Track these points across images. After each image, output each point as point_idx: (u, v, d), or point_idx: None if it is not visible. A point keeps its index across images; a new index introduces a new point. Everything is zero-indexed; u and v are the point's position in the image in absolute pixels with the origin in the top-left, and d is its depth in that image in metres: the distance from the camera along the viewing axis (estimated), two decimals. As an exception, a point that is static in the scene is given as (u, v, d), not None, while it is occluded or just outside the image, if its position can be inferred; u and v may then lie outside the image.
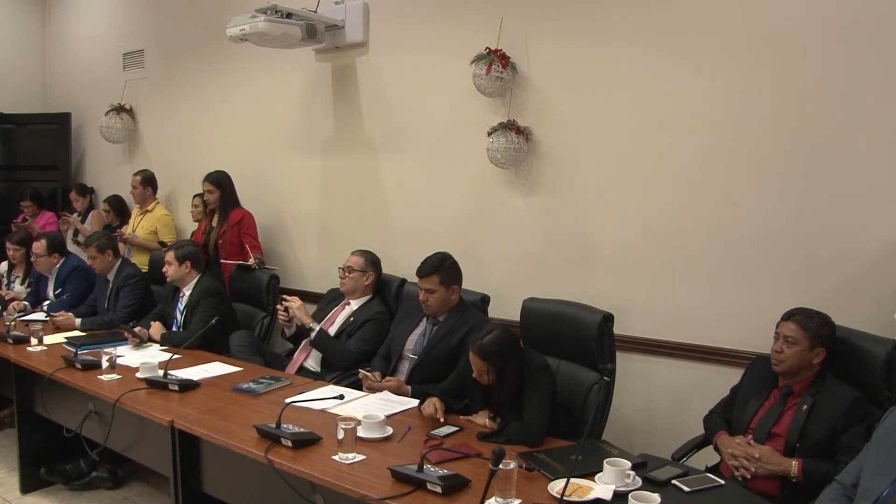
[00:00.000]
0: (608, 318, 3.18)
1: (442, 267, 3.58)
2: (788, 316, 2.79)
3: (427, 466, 2.39)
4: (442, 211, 4.49)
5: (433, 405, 3.00)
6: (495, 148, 3.99)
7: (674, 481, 2.39)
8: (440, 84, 4.46)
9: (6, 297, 5.48)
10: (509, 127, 3.99)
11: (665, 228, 3.65)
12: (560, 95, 3.97)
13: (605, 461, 2.38)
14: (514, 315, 3.56)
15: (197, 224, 5.67)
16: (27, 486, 4.28)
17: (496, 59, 3.98)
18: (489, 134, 4.02)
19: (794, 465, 2.58)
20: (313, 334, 4.00)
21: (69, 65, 7.81)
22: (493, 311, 3.89)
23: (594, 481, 2.35)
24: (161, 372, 3.56)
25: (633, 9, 3.69)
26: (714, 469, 2.79)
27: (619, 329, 3.28)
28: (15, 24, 7.90)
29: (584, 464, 2.39)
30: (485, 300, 3.86)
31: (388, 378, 3.53)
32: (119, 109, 6.76)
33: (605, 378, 3.02)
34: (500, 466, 2.12)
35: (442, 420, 2.93)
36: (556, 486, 2.30)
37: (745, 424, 2.82)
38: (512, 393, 2.87)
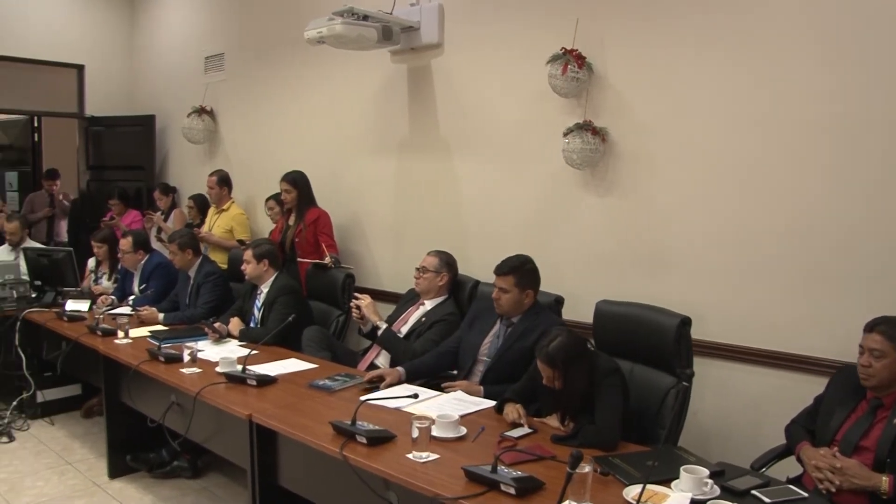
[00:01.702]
0: (686, 322, 3.12)
1: (520, 269, 3.55)
2: (871, 327, 2.65)
3: (501, 467, 2.38)
4: (516, 212, 4.48)
5: (517, 411, 2.98)
6: (571, 149, 3.97)
7: (754, 492, 2.31)
8: (515, 85, 4.45)
9: (95, 292, 5.70)
10: (585, 128, 3.96)
11: (742, 230, 3.57)
12: (636, 96, 3.92)
13: (682, 468, 2.33)
14: (588, 317, 3.53)
15: (272, 223, 5.78)
16: (114, 472, 4.45)
17: (572, 60, 3.95)
18: (565, 135, 4.00)
19: (884, 481, 2.44)
20: (380, 332, 4.05)
21: (154, 69, 8.07)
22: (567, 314, 3.87)
23: (670, 488, 2.31)
24: (240, 367, 3.64)
25: (710, 8, 3.62)
26: (796, 481, 2.69)
27: (695, 333, 3.22)
28: (104, 33, 8.21)
29: (661, 470, 2.36)
30: (559, 302, 3.83)
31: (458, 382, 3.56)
32: (200, 111, 6.96)
33: (684, 383, 2.96)
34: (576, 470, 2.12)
35: (525, 425, 2.91)
36: (631, 492, 2.27)
37: (830, 436, 2.70)
38: (581, 396, 2.85)
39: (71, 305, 5.33)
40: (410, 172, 5.17)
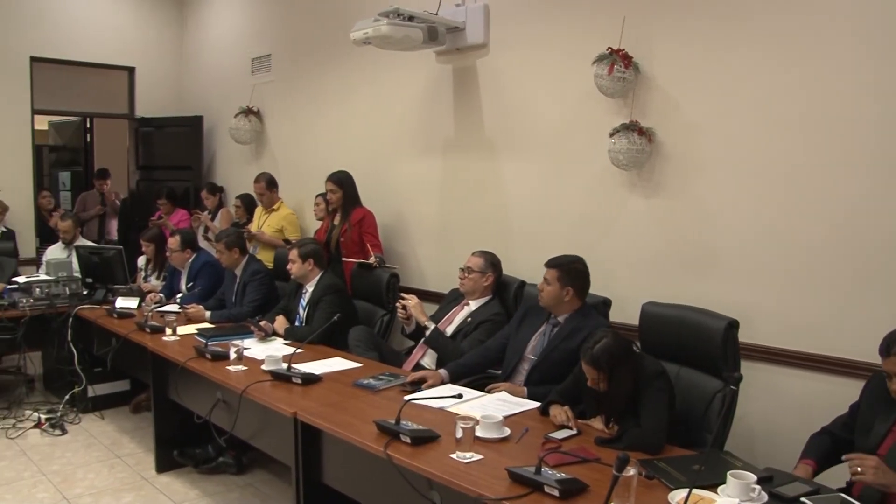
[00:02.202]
0: (733, 325, 3.07)
1: (566, 265, 3.55)
2: (888, 350, 2.51)
3: (545, 469, 2.37)
4: (562, 212, 4.46)
5: (565, 413, 2.96)
6: (617, 149, 3.93)
7: (803, 499, 2.25)
8: (560, 85, 4.43)
9: (144, 290, 5.80)
10: (631, 128, 3.92)
11: (792, 232, 3.50)
12: (684, 96, 3.87)
13: (728, 473, 2.29)
14: (635, 319, 3.50)
15: (320, 222, 5.83)
16: (161, 466, 4.52)
17: (618, 59, 3.91)
18: (611, 135, 3.97)
19: None
20: (427, 333, 4.05)
21: (202, 70, 8.20)
22: (614, 315, 3.84)
23: (717, 494, 2.27)
24: (285, 365, 3.67)
25: (759, 7, 3.56)
26: (847, 489, 2.59)
27: (742, 336, 3.16)
28: (155, 36, 8.37)
29: (707, 475, 2.32)
30: (606, 304, 3.81)
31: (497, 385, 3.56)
32: (247, 112, 7.04)
33: (732, 387, 2.91)
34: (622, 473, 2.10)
35: (573, 428, 2.90)
36: (676, 497, 2.24)
37: (872, 449, 2.56)
38: (626, 399, 2.82)
39: (121, 303, 5.43)
40: (455, 173, 5.17)
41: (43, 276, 5.88)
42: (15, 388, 5.81)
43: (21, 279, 5.79)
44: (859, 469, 2.34)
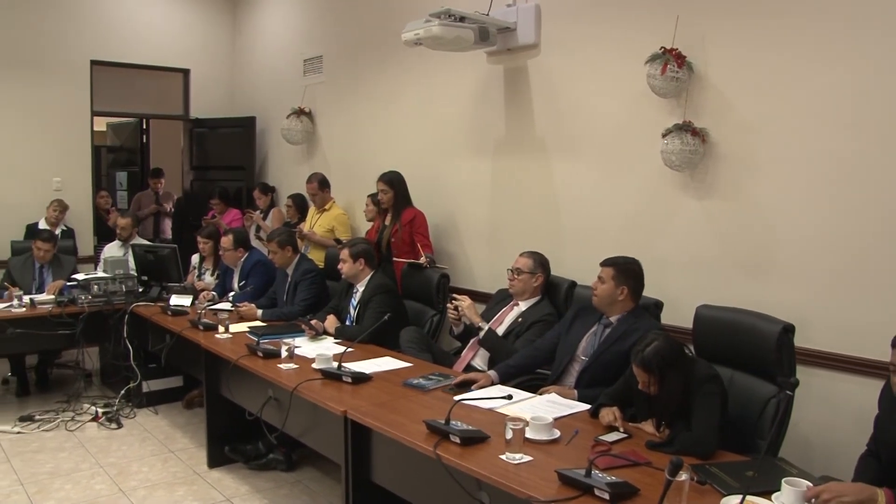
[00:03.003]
0: (789, 329, 3.01)
1: (622, 264, 3.54)
2: None
3: (595, 472, 2.35)
4: (612, 213, 4.42)
5: (613, 414, 2.94)
6: (670, 150, 3.88)
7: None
8: (612, 85, 4.39)
9: (198, 288, 5.90)
10: (685, 128, 3.86)
11: (849, 234, 3.41)
12: (739, 95, 3.80)
13: (783, 480, 2.23)
14: (687, 322, 3.45)
15: (370, 223, 5.86)
16: (213, 462, 4.59)
17: (671, 59, 3.86)
18: (663, 136, 3.91)
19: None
20: (482, 333, 4.04)
21: (254, 72, 8.31)
22: (666, 318, 3.79)
23: (771, 501, 2.23)
24: (335, 364, 3.70)
25: (814, 4, 3.48)
26: None
27: (797, 340, 3.10)
28: (209, 38, 8.51)
29: (761, 481, 2.27)
30: (658, 306, 3.77)
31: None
32: (299, 113, 7.11)
33: (788, 392, 2.84)
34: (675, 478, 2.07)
35: (622, 430, 2.87)
36: (729, 503, 2.21)
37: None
38: (677, 403, 2.79)
39: (175, 300, 5.53)
40: (506, 173, 5.15)
41: (101, 274, 6.01)
42: (74, 383, 5.96)
43: (80, 276, 5.92)
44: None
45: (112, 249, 6.75)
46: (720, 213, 3.91)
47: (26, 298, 5.56)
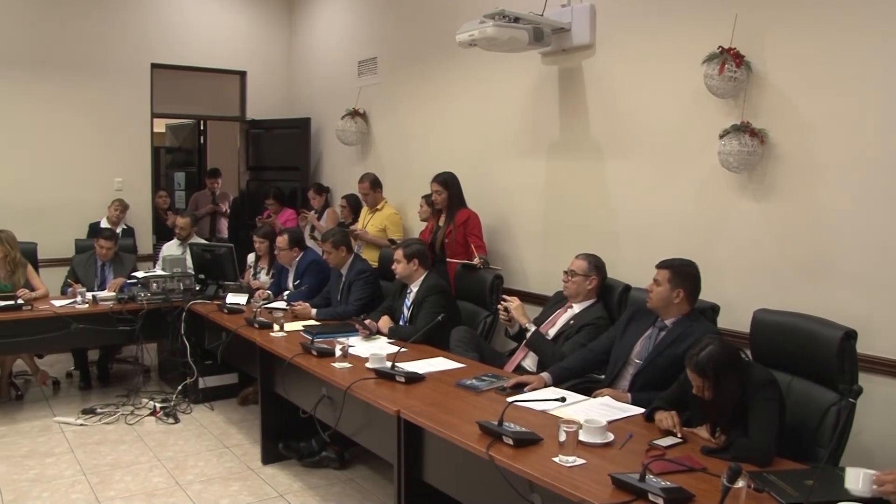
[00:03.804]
0: (850, 335, 2.93)
1: (679, 266, 3.50)
2: None
3: (649, 476, 2.33)
4: (668, 216, 4.37)
5: (671, 419, 2.90)
6: (727, 151, 3.82)
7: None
8: (668, 85, 4.34)
9: (253, 287, 5.99)
10: (743, 129, 3.80)
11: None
12: (800, 95, 3.72)
13: (847, 468, 2.20)
14: (744, 326, 3.39)
15: (423, 223, 5.89)
16: (267, 458, 4.65)
17: (729, 58, 3.80)
18: (721, 137, 3.85)
19: None
20: (529, 334, 4.03)
21: (310, 74, 8.41)
22: (723, 322, 3.74)
23: (831, 511, 2.18)
24: (389, 364, 3.72)
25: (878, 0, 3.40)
26: None
27: (859, 347, 3.02)
28: (265, 41, 8.64)
29: (821, 491, 2.23)
30: (714, 310, 3.71)
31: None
32: (353, 114, 7.16)
33: (850, 400, 2.77)
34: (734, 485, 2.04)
35: (679, 436, 2.84)
36: (788, 511, 2.18)
37: None
38: (733, 408, 2.74)
39: (231, 298, 5.63)
40: (560, 174, 5.13)
41: (159, 272, 6.14)
42: (133, 378, 6.14)
43: (139, 274, 6.06)
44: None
45: (170, 248, 6.90)
46: (779, 216, 3.84)
47: (89, 295, 5.71)
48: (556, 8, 4.92)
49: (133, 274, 6.15)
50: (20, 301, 5.48)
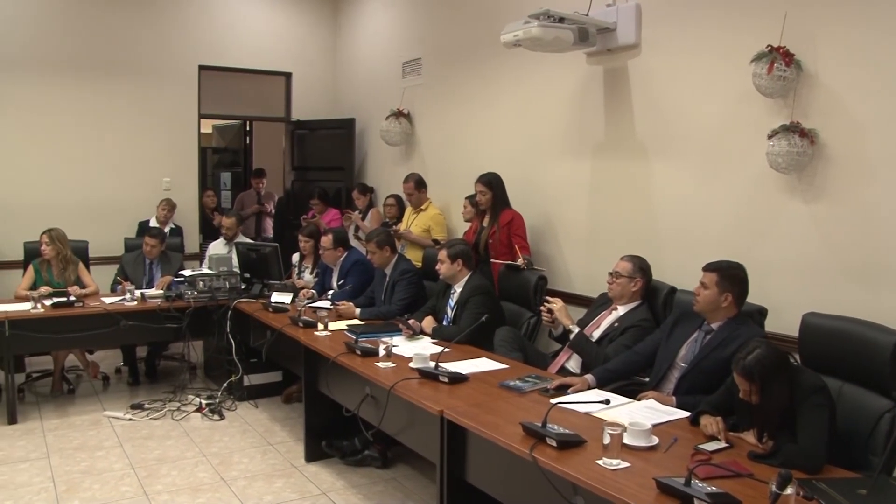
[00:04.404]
0: (904, 340, 2.88)
1: (726, 270, 3.45)
2: None
3: (695, 481, 2.29)
4: (715, 217, 4.31)
5: (716, 424, 2.86)
6: (776, 152, 3.75)
7: None
8: (715, 85, 4.28)
9: (298, 286, 6.05)
10: (792, 129, 3.73)
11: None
12: (852, 94, 3.64)
13: None
14: (793, 330, 3.33)
15: (467, 223, 5.89)
16: (310, 456, 4.69)
17: (779, 57, 3.73)
18: (769, 137, 3.79)
19: None
20: (572, 336, 4.01)
21: (354, 75, 8.45)
22: (770, 326, 3.67)
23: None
24: (432, 364, 3.73)
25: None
26: None
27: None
28: (310, 42, 8.71)
29: (874, 501, 2.18)
30: (762, 313, 3.64)
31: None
32: (398, 114, 7.19)
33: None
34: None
35: (724, 441, 2.80)
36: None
37: None
38: (780, 413, 2.70)
39: (276, 297, 5.69)
40: (605, 175, 5.09)
41: (206, 271, 6.24)
42: (180, 374, 6.23)
43: (186, 273, 6.16)
44: None
45: (217, 247, 6.99)
46: (829, 217, 3.76)
47: (137, 293, 5.82)
48: (602, 8, 4.89)
49: (180, 272, 6.25)
50: (72, 298, 5.61)
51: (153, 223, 7.41)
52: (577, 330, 4.03)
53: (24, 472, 4.47)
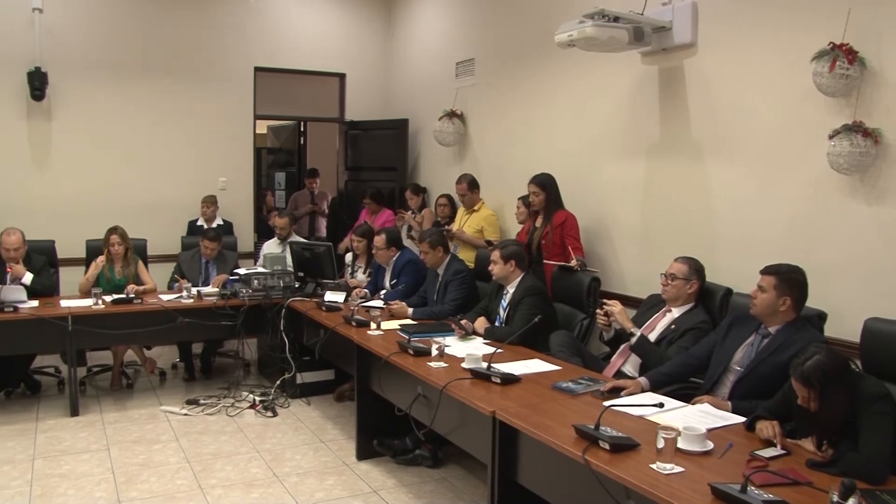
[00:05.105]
0: (972, 347, 2.80)
1: (785, 273, 3.37)
2: None
3: (751, 488, 2.26)
4: (773, 219, 4.22)
5: (772, 428, 2.82)
6: (837, 152, 3.66)
7: None
8: (774, 84, 4.20)
9: (351, 285, 6.09)
10: (855, 129, 3.63)
11: None
12: (919, 93, 3.56)
13: None
14: (854, 336, 3.26)
15: (520, 225, 5.87)
16: (361, 454, 4.72)
17: (841, 55, 3.64)
18: (830, 137, 3.70)
19: None
20: (634, 339, 3.96)
21: (408, 75, 8.50)
22: (830, 331, 3.59)
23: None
24: (485, 364, 3.73)
25: None
26: None
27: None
28: (364, 44, 8.77)
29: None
30: (821, 317, 3.57)
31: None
32: (451, 115, 7.20)
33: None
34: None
35: (778, 447, 2.75)
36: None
37: None
38: (840, 421, 2.63)
39: (329, 296, 5.73)
40: (659, 175, 5.03)
41: (260, 269, 6.32)
42: (234, 371, 6.33)
43: (241, 271, 6.25)
44: None
45: (271, 246, 7.08)
46: (893, 220, 3.66)
47: (194, 290, 5.94)
48: (657, 7, 4.83)
49: (235, 271, 6.34)
50: (131, 295, 5.74)
51: (200, 222, 7.54)
52: (638, 333, 3.98)
53: (86, 463, 4.60)
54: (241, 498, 4.15)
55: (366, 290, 5.89)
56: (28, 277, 5.74)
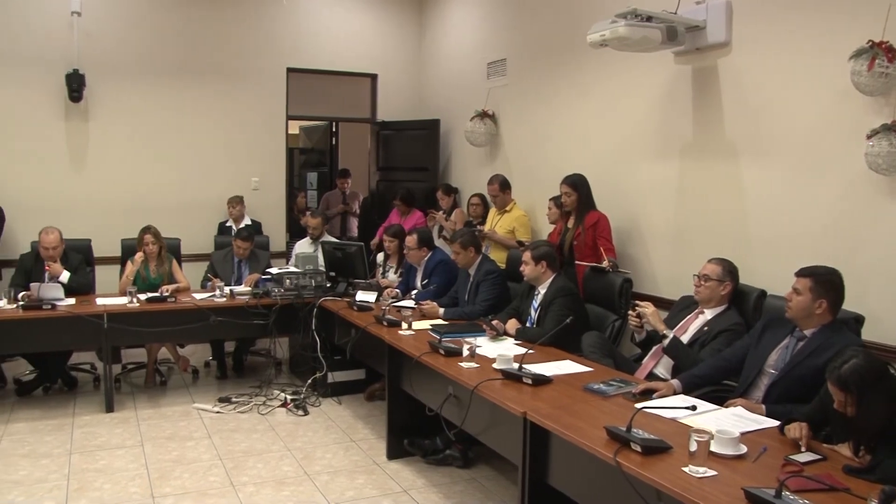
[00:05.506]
0: None
1: (821, 276, 3.32)
2: None
3: (786, 493, 2.23)
4: (808, 220, 4.17)
5: (799, 430, 2.78)
6: (875, 153, 3.61)
7: None
8: (810, 84, 4.15)
9: (382, 285, 6.11)
10: (894, 129, 3.58)
11: None
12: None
13: None
14: (892, 339, 3.21)
15: (552, 225, 5.85)
16: (392, 453, 4.73)
17: (881, 53, 3.57)
18: (869, 137, 3.64)
19: None
20: (666, 341, 3.92)
21: (439, 76, 8.51)
22: (868, 334, 3.53)
23: None
24: (516, 365, 3.72)
25: None
26: None
27: None
28: (396, 44, 8.80)
29: None
30: (858, 321, 3.51)
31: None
32: (482, 115, 7.19)
33: None
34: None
35: (804, 449, 2.71)
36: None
37: None
38: (879, 427, 2.58)
39: (360, 296, 5.77)
40: (693, 177, 4.99)
41: (292, 269, 6.37)
42: (266, 370, 6.39)
43: (273, 270, 6.30)
44: None
45: (303, 246, 7.13)
46: (935, 222, 3.60)
47: (226, 289, 6.00)
48: (691, 6, 4.79)
49: (268, 270, 6.39)
50: (165, 294, 5.81)
51: (229, 223, 7.61)
52: (671, 335, 3.94)
53: (121, 458, 4.67)
54: (272, 495, 4.18)
55: (397, 290, 5.91)
56: (65, 276, 5.84)
